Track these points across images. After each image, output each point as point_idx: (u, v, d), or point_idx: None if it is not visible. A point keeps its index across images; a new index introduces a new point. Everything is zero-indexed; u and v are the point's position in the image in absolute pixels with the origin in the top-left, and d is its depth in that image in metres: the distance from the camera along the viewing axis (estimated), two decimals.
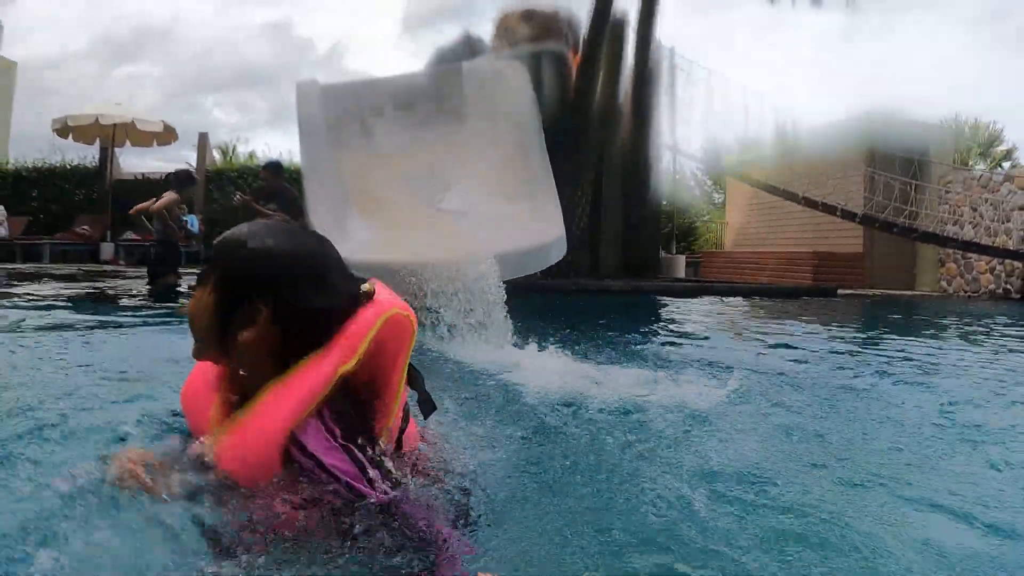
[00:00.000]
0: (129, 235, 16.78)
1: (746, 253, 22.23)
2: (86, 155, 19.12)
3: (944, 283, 19.03)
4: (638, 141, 13.22)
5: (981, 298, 17.63)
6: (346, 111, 7.10)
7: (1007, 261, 17.16)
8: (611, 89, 12.53)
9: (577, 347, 4.47)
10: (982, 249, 16.90)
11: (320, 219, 5.09)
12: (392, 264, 4.54)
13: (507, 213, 5.53)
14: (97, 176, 18.42)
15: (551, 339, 4.46)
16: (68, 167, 19.08)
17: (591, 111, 11.92)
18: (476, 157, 6.55)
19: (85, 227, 16.90)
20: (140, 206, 9.78)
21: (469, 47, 10.87)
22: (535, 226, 5.25)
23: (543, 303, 4.85)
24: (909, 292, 18.15)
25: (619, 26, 12.63)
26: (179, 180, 9.88)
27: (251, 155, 26.21)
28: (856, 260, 18.78)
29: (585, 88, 11.74)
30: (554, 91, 10.81)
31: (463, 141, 6.96)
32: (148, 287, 9.33)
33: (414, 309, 4.35)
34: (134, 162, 20.12)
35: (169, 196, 9.31)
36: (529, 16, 12.35)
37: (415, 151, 7.58)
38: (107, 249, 16.50)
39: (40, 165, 19.11)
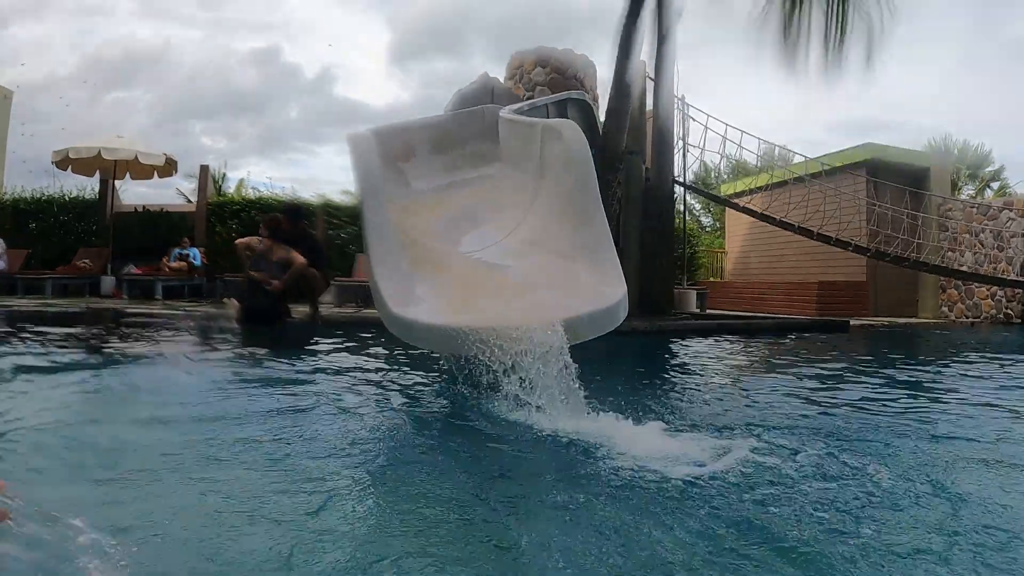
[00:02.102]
0: (131, 268, 16.61)
1: (751, 284, 22.29)
2: (84, 186, 18.91)
3: (945, 309, 19.16)
4: (656, 179, 13.29)
5: (983, 324, 17.76)
6: (390, 156, 7.04)
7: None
8: (631, 131, 12.62)
9: (638, 403, 4.48)
10: (996, 281, 17.03)
11: (387, 283, 5.00)
12: (476, 329, 4.44)
13: (569, 271, 5.45)
14: (97, 208, 18.21)
15: (608, 397, 4.47)
16: (67, 199, 18.81)
17: (617, 155, 11.98)
18: (525, 210, 6.50)
19: (86, 260, 16.70)
20: (248, 242, 9.61)
21: (488, 89, 10.86)
22: (598, 286, 5.17)
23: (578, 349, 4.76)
24: (914, 320, 18.24)
25: (637, 74, 12.74)
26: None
27: (241, 183, 26.01)
28: (859, 289, 18.86)
29: (611, 133, 11.81)
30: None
31: (509, 193, 6.91)
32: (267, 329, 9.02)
33: (488, 376, 4.25)
34: (123, 190, 19.91)
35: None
36: (545, 60, 12.44)
37: (450, 196, 7.53)
38: (108, 283, 16.29)
39: (39, 196, 18.82)
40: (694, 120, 15.72)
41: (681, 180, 15.28)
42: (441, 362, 5.61)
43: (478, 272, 5.52)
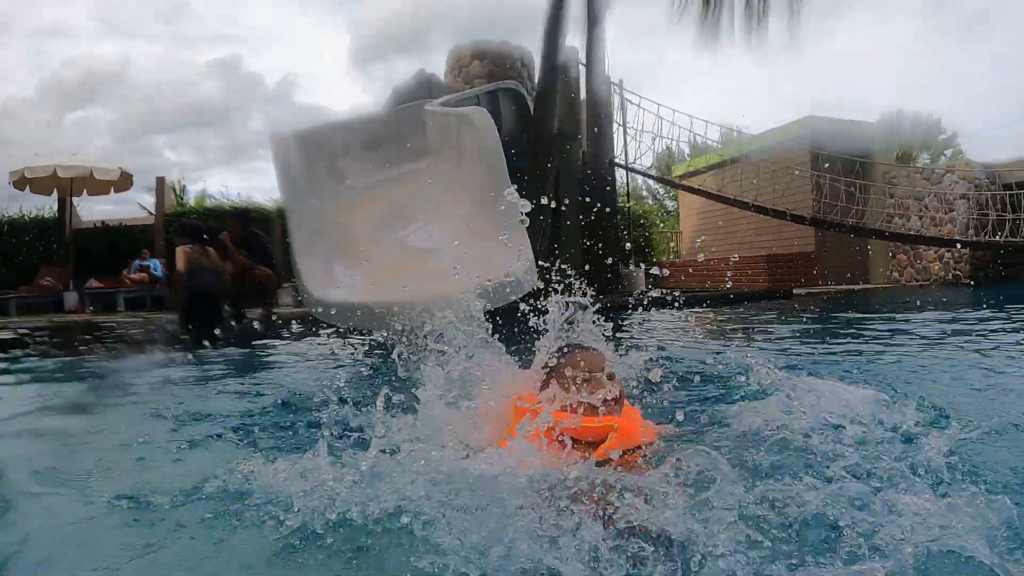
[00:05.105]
0: (92, 282, 16.76)
1: (703, 261, 22.73)
2: (43, 205, 19.07)
3: (896, 274, 19.65)
4: (593, 161, 13.63)
5: (932, 286, 18.24)
6: (316, 155, 7.34)
7: (954, 249, 17.85)
8: (566, 115, 12.94)
9: None
10: (943, 242, 17.51)
11: (307, 268, 5.34)
12: (383, 305, 4.81)
13: (478, 249, 5.82)
14: (57, 226, 18.36)
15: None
16: (27, 219, 18.98)
17: (549, 137, 12.29)
18: (446, 197, 6.84)
19: (48, 278, 16.85)
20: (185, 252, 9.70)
21: (426, 85, 11.16)
22: (506, 259, 5.55)
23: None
24: (866, 287, 18.69)
25: (570, 59, 13.07)
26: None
27: (203, 195, 26.13)
28: (808, 259, 19.31)
29: (542, 117, 12.11)
30: (512, 123, 11.17)
31: (433, 182, 7.24)
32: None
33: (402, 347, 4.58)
34: (84, 206, 20.00)
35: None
36: (482, 53, 12.74)
37: (384, 191, 7.84)
38: (71, 298, 16.43)
39: None
40: (637, 106, 16.12)
41: (621, 163, 15.62)
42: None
43: (398, 256, 5.85)
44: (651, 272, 11.64)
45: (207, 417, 3.88)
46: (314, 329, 7.87)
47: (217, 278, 9.32)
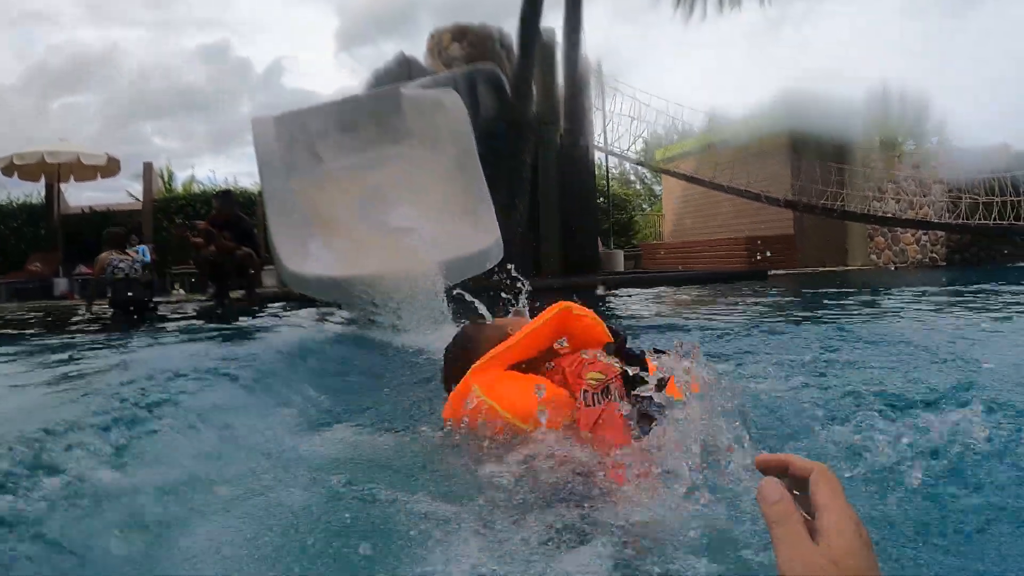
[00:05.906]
0: (81, 269, 16.92)
1: (683, 243, 23.03)
2: (31, 191, 19.26)
3: (874, 256, 19.95)
4: (571, 145, 13.84)
5: (909, 268, 18.55)
6: (296, 138, 7.58)
7: (931, 231, 18.15)
8: (544, 99, 13.15)
9: None
10: (920, 224, 17.78)
11: (284, 244, 5.61)
12: (351, 279, 5.12)
13: (449, 226, 6.12)
14: (44, 212, 18.54)
15: None
16: (15, 205, 19.18)
17: (526, 121, 12.49)
18: (419, 178, 7.10)
19: (37, 264, 17.02)
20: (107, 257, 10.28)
21: (406, 68, 11.35)
22: (473, 235, 5.87)
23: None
24: (843, 268, 18.98)
25: (548, 43, 13.27)
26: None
27: (191, 181, 26.21)
28: (788, 241, 19.59)
29: (519, 100, 12.31)
30: (490, 106, 11.37)
31: (407, 164, 7.49)
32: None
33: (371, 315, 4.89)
34: (73, 193, 20.21)
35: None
36: (461, 35, 12.92)
37: (361, 172, 8.09)
38: (60, 285, 16.60)
39: None
40: (615, 88, 16.37)
41: (600, 145, 15.85)
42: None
43: (372, 234, 6.12)
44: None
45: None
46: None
47: (132, 266, 10.05)
